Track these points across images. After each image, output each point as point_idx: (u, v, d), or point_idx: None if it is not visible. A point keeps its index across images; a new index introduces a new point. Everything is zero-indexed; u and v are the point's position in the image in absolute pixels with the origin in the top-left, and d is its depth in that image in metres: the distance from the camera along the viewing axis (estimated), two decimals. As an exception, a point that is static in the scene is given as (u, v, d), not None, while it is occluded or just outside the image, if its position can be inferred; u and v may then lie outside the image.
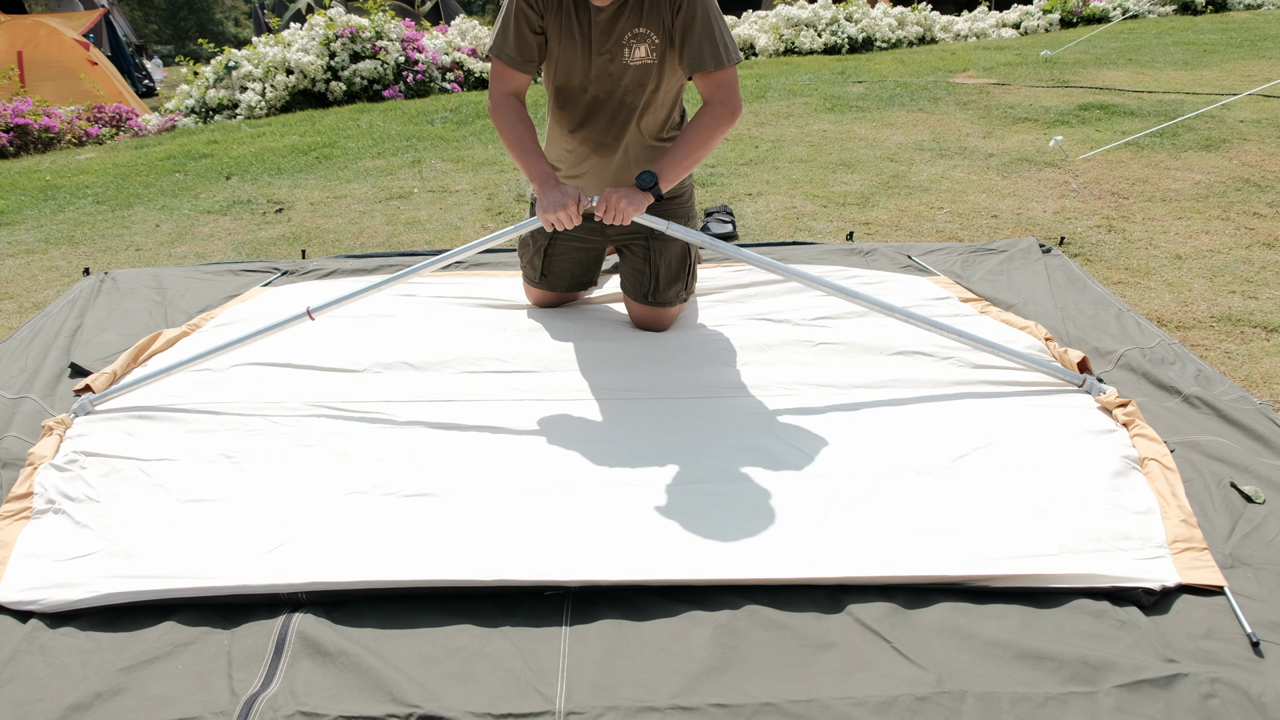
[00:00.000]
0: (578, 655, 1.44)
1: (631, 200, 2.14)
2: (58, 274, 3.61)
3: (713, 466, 1.93)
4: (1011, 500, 1.79)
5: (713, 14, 2.19)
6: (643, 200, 2.16)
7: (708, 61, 2.18)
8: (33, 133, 6.96)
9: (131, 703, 1.36)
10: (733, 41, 2.21)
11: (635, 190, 2.16)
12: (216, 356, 2.29)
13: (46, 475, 1.91)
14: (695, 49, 2.18)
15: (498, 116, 2.28)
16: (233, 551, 1.67)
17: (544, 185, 2.19)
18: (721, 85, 2.20)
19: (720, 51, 2.19)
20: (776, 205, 4.07)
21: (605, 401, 2.23)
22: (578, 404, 2.22)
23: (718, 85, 2.21)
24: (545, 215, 2.15)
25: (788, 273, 2.27)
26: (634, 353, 2.48)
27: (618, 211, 2.14)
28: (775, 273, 2.29)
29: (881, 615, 1.51)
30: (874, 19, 10.01)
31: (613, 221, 2.16)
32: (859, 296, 2.27)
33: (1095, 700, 1.33)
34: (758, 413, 2.16)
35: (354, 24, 7.91)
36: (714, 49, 2.17)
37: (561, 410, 2.19)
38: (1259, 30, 9.35)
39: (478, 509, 1.80)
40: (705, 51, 2.17)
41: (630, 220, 2.16)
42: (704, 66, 2.19)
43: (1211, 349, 2.59)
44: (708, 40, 2.17)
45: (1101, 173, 4.40)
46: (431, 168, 5.15)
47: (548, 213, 2.14)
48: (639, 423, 2.12)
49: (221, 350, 2.27)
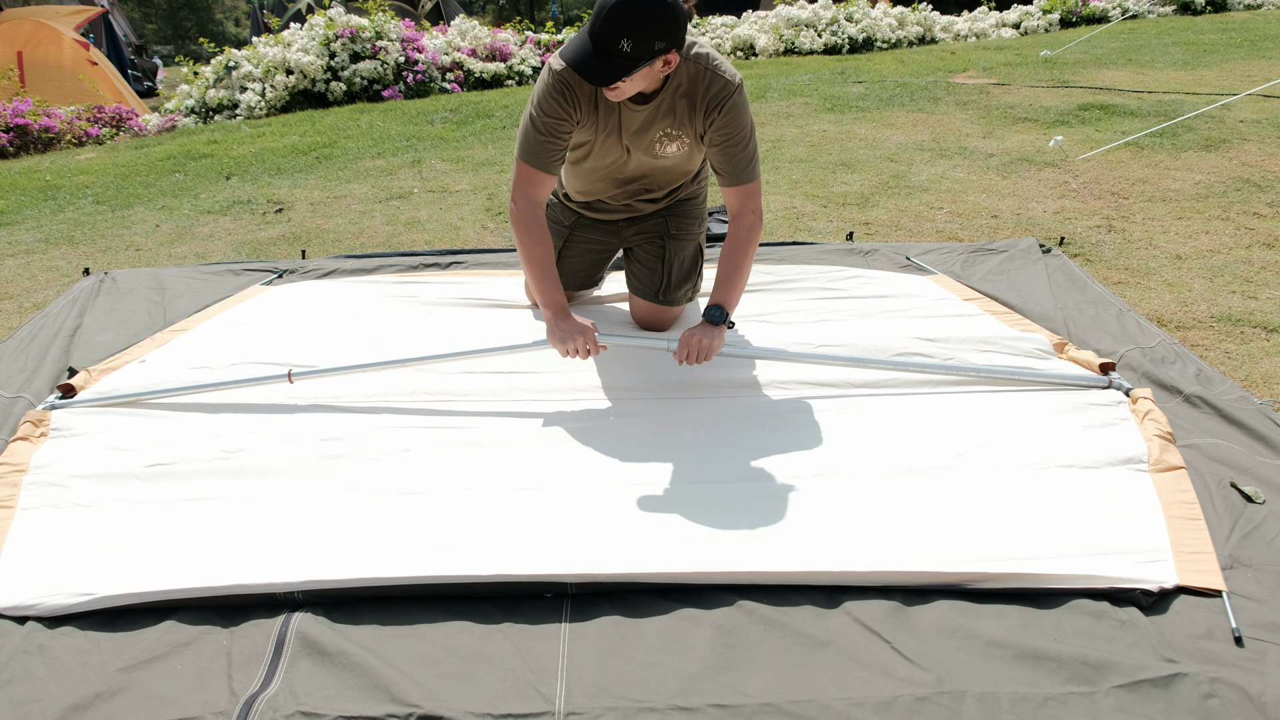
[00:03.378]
0: (577, 655, 1.44)
1: (711, 337, 2.15)
2: (58, 274, 3.61)
3: (712, 466, 1.93)
4: (1011, 500, 1.79)
5: (750, 128, 2.16)
6: (720, 334, 2.17)
7: (744, 176, 2.19)
8: (33, 133, 6.96)
9: (131, 703, 1.36)
10: (758, 156, 2.22)
11: (709, 327, 2.17)
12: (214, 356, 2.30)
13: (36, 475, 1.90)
14: (734, 163, 2.17)
15: (521, 227, 2.17)
16: (229, 552, 1.67)
17: (556, 315, 2.15)
18: (752, 195, 2.21)
19: (756, 165, 2.20)
20: (776, 205, 4.07)
21: (605, 401, 2.23)
22: (577, 403, 2.22)
23: (749, 195, 2.21)
24: (563, 345, 2.14)
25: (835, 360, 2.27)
26: (634, 353, 2.47)
27: (701, 352, 2.14)
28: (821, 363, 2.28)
29: (881, 615, 1.51)
30: (874, 19, 10.01)
31: (696, 363, 2.16)
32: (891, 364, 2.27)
33: (1095, 700, 1.33)
34: (757, 412, 2.16)
35: (354, 24, 7.91)
36: (749, 163, 2.18)
37: (561, 410, 2.19)
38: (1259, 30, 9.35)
39: (477, 507, 1.80)
40: (743, 166, 2.18)
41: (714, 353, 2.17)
42: (740, 181, 2.19)
43: (1211, 349, 2.59)
44: (744, 155, 2.17)
45: (1101, 173, 4.40)
46: (431, 168, 5.15)
47: (564, 343, 2.13)
48: (638, 422, 2.12)
49: (196, 390, 2.22)
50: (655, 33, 1.86)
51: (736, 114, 2.11)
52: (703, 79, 2.08)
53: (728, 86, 2.07)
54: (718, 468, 1.92)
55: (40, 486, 1.89)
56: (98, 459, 1.98)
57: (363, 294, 2.93)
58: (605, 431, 2.08)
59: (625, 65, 1.90)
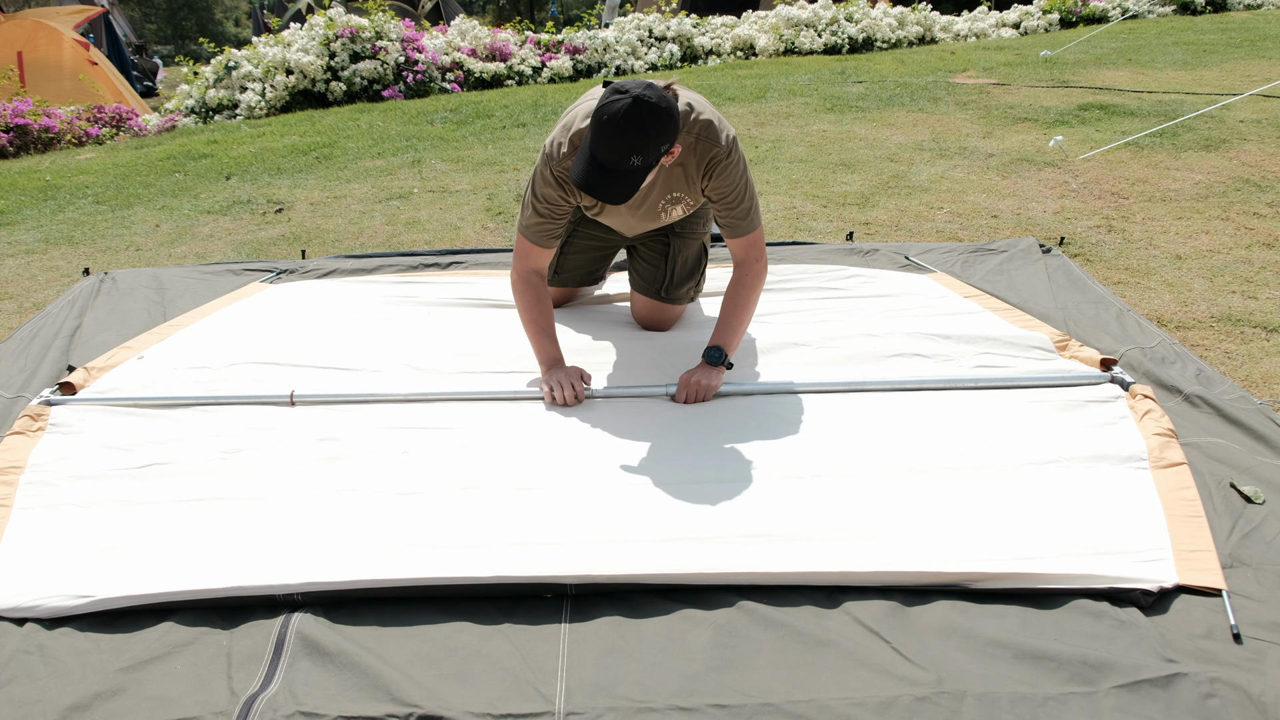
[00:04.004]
0: (577, 655, 1.44)
1: (709, 378, 2.21)
2: (58, 274, 3.61)
3: (711, 466, 1.93)
4: (1011, 500, 1.79)
5: (747, 179, 2.19)
6: (718, 374, 2.23)
7: (745, 228, 2.21)
8: (33, 133, 6.96)
9: (131, 703, 1.36)
10: (758, 205, 2.24)
11: (708, 368, 2.23)
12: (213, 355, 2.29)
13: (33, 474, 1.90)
14: (733, 216, 2.20)
15: (520, 295, 2.29)
16: (228, 553, 1.66)
17: (550, 366, 2.25)
18: (755, 244, 2.24)
19: (756, 215, 2.23)
20: (776, 205, 4.07)
21: (604, 401, 2.23)
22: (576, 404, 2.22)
23: (751, 244, 2.24)
24: (550, 392, 2.20)
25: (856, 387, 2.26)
26: (635, 353, 2.47)
27: (699, 392, 2.20)
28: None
29: (881, 615, 1.51)
30: (874, 19, 10.00)
31: (694, 402, 2.21)
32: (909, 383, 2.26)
33: (1095, 700, 1.33)
34: (757, 412, 2.16)
35: (354, 24, 7.91)
36: (748, 214, 2.20)
37: (560, 410, 2.19)
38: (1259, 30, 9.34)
39: (476, 508, 1.79)
40: (741, 217, 2.20)
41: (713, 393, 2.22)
42: (742, 232, 2.22)
43: (1211, 349, 2.59)
44: (741, 208, 2.19)
45: (1101, 173, 4.40)
46: (431, 168, 5.15)
47: (554, 390, 2.19)
48: (638, 422, 2.12)
49: (194, 403, 2.21)
50: (660, 140, 1.92)
51: (731, 173, 2.14)
52: (696, 148, 2.12)
53: (719, 152, 2.11)
54: (717, 468, 1.92)
55: (37, 486, 1.88)
56: (95, 458, 1.98)
57: (363, 294, 2.93)
58: (605, 432, 2.08)
59: (639, 176, 1.95)
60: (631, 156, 1.90)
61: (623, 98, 1.87)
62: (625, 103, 1.86)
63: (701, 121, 2.10)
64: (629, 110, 1.86)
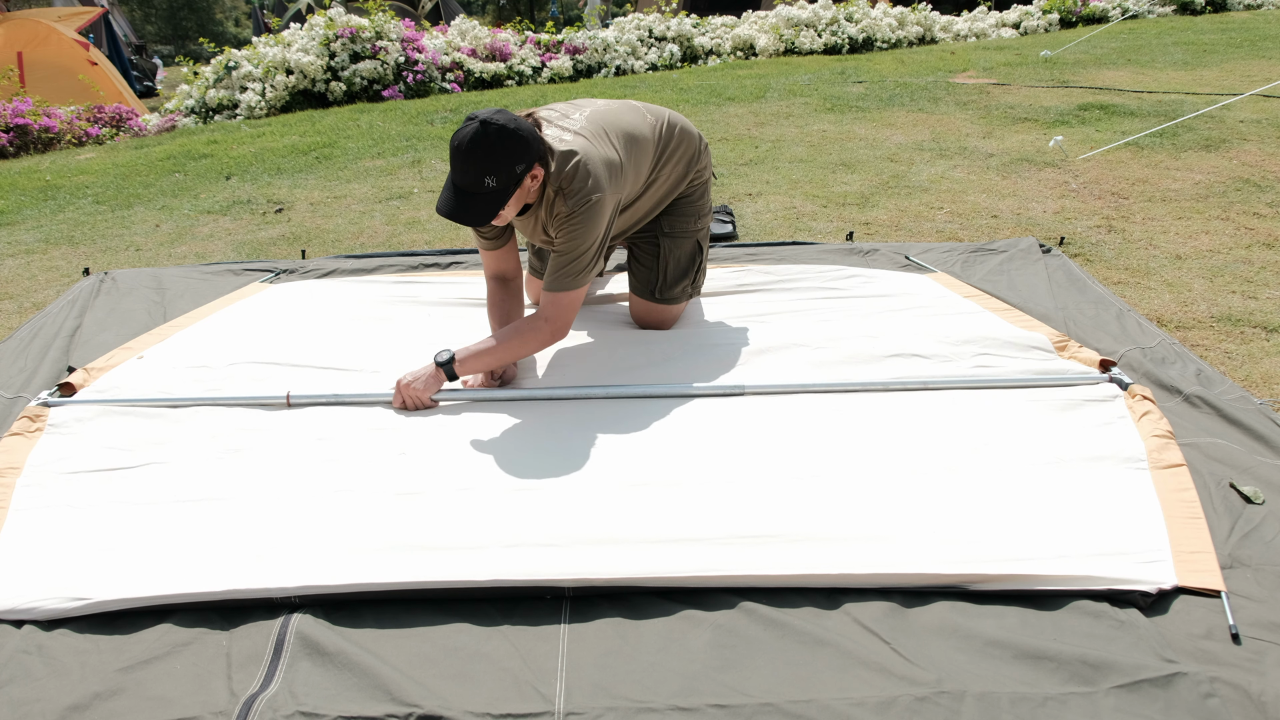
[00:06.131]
0: (576, 655, 1.44)
1: (425, 384, 2.17)
2: (58, 274, 3.61)
3: (710, 467, 1.93)
4: (1010, 500, 1.78)
5: (590, 244, 2.16)
6: (436, 381, 2.18)
7: (554, 284, 2.19)
8: (33, 133, 6.96)
9: (130, 703, 1.36)
10: (589, 269, 2.19)
11: (428, 374, 2.19)
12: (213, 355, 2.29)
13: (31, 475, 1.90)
14: (554, 267, 2.19)
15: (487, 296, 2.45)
16: (226, 555, 1.66)
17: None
18: (556, 304, 2.21)
19: (573, 280, 2.18)
20: (776, 205, 4.08)
21: (604, 401, 2.23)
22: (576, 404, 2.22)
23: (553, 302, 2.21)
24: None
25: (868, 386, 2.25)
26: (634, 353, 2.47)
27: (410, 398, 2.16)
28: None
29: (880, 615, 1.51)
30: (874, 19, 10.00)
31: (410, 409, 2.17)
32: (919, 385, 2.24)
33: (1094, 700, 1.33)
34: (757, 413, 2.16)
35: (354, 24, 7.91)
36: (566, 274, 2.18)
37: (560, 410, 2.19)
38: (1259, 30, 9.35)
39: (475, 508, 1.79)
40: (557, 271, 2.19)
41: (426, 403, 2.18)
42: (551, 286, 2.20)
43: (1211, 349, 2.59)
44: (564, 261, 2.17)
45: (1101, 173, 4.40)
46: (431, 168, 5.15)
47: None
48: (638, 422, 2.12)
49: (193, 403, 2.21)
50: (511, 160, 1.98)
51: (575, 228, 2.13)
52: (564, 190, 2.12)
53: (575, 204, 2.11)
54: (716, 469, 1.92)
55: (35, 487, 1.88)
56: (93, 458, 1.98)
57: (363, 294, 2.93)
58: (604, 432, 2.08)
59: (496, 198, 2.02)
60: (485, 178, 1.97)
61: (471, 123, 1.98)
62: (473, 127, 1.97)
63: (581, 169, 2.11)
64: (476, 133, 1.96)
